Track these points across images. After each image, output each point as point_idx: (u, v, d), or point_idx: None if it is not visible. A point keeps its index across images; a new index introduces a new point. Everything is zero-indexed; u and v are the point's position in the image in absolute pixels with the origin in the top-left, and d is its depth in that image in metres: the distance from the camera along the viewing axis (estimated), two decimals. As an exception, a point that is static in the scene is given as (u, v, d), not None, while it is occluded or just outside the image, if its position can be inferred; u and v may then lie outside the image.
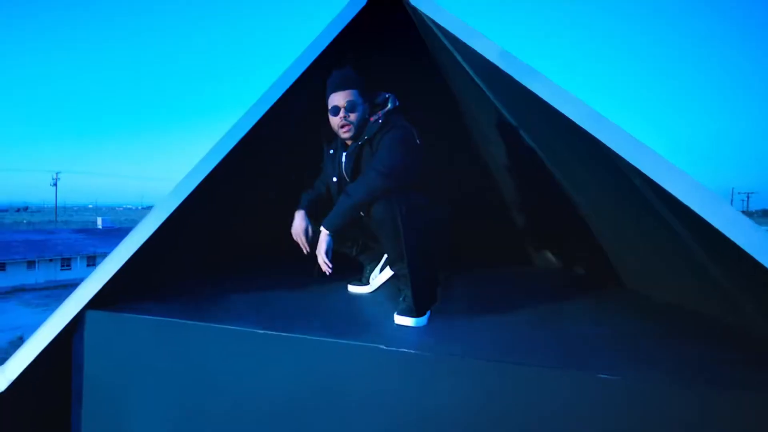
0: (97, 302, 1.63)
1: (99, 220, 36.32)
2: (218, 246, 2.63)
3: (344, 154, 1.80)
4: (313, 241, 1.76)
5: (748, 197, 56.46)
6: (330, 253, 1.68)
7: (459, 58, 1.99)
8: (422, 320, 1.56)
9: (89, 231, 32.68)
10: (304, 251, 1.80)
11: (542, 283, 2.64)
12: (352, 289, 2.10)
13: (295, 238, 1.81)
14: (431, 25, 1.82)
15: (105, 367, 1.61)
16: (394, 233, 1.54)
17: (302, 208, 1.84)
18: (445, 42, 1.94)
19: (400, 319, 1.56)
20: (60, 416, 1.66)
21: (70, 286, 24.98)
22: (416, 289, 1.56)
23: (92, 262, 27.83)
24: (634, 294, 2.22)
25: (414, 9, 1.81)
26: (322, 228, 1.68)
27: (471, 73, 2.04)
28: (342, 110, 1.71)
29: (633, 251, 2.21)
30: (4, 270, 24.07)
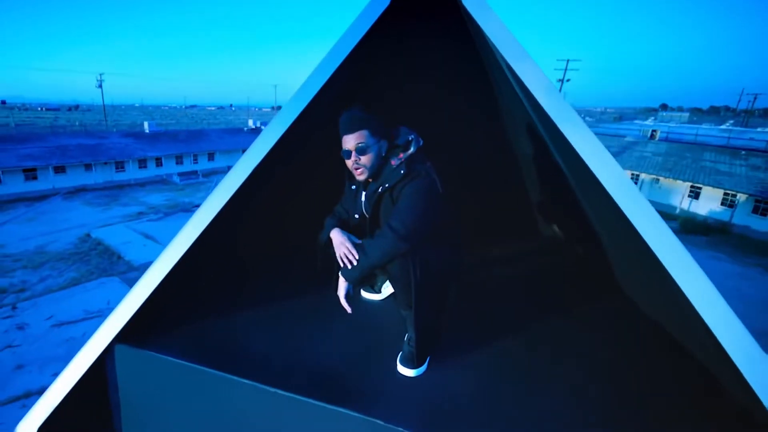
0: (126, 334, 1.73)
1: (146, 125, 37.29)
2: (241, 263, 2.62)
3: (364, 193, 1.77)
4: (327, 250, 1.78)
5: (755, 98, 62.11)
6: (351, 294, 1.72)
7: (503, 66, 1.86)
8: (421, 369, 1.72)
9: (137, 135, 33.95)
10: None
11: (545, 293, 2.55)
12: (365, 295, 2.31)
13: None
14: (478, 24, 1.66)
15: (136, 400, 1.76)
16: (407, 289, 1.58)
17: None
18: (490, 43, 1.80)
19: (402, 369, 1.71)
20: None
21: (127, 186, 26.71)
22: (420, 338, 1.65)
23: (143, 164, 29.46)
24: (625, 305, 2.27)
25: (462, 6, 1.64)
26: (340, 274, 1.70)
27: (511, 80, 1.93)
28: (353, 153, 1.64)
29: (627, 263, 2.22)
30: (65, 172, 25.98)
